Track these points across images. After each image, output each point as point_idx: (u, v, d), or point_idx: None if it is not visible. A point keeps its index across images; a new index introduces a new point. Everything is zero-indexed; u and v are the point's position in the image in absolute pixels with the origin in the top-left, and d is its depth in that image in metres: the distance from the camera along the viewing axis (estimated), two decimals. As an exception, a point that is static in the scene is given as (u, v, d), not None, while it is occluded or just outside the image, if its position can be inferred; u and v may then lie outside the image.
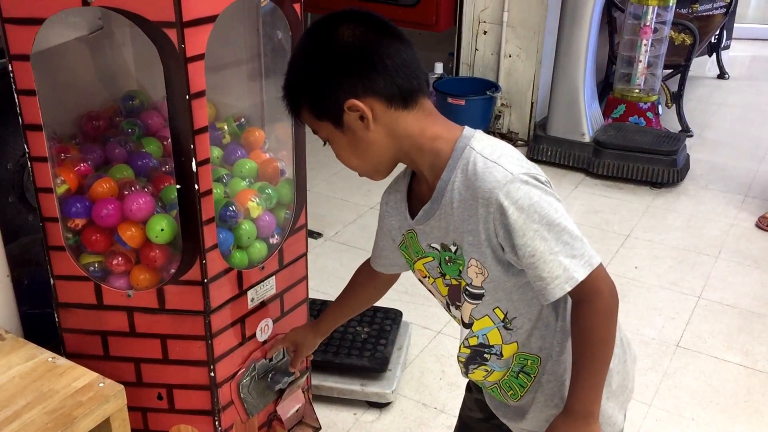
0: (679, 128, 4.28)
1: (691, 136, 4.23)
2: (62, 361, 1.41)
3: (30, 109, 1.33)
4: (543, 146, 3.84)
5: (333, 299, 1.51)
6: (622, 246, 3.12)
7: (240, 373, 1.58)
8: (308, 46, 1.11)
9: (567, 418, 1.15)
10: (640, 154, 3.62)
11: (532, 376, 1.23)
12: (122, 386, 1.36)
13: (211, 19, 1.29)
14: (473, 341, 1.24)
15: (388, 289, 1.48)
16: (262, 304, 1.60)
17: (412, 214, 1.20)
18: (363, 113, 1.08)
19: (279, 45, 1.66)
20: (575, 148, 3.76)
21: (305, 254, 1.72)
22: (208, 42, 1.30)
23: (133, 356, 1.52)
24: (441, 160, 1.12)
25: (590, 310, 1.10)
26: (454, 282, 1.20)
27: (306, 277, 1.74)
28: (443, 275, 1.21)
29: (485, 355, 1.24)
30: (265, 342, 1.64)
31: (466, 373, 1.31)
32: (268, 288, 1.61)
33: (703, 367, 2.40)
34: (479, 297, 1.18)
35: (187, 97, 1.30)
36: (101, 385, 1.36)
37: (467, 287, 1.18)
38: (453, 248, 1.16)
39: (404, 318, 2.40)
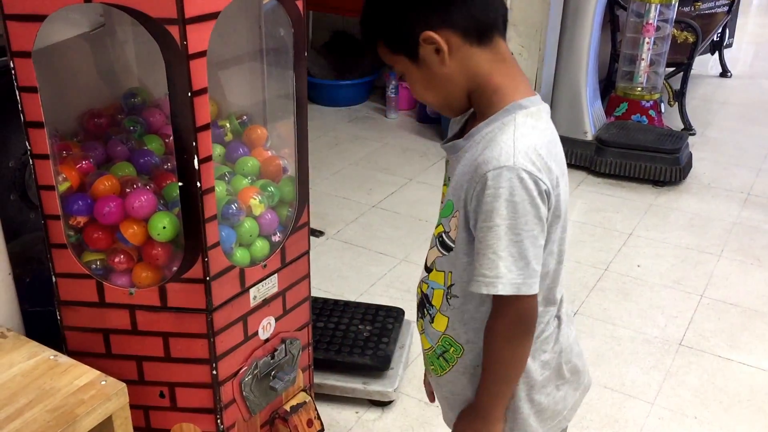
0: (682, 126, 4.27)
1: (694, 134, 4.22)
2: (64, 359, 1.41)
3: (32, 106, 1.32)
4: (545, 144, 3.83)
5: (335, 298, 1.51)
6: (625, 245, 3.12)
7: (242, 371, 1.58)
8: None
9: (469, 414, 1.22)
10: (642, 152, 3.61)
11: (450, 363, 1.24)
12: (124, 384, 1.36)
13: (213, 16, 1.29)
14: (425, 287, 1.25)
15: None
16: (265, 302, 1.60)
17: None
18: (439, 46, 1.07)
19: (281, 42, 1.65)
20: (577, 146, 3.75)
21: (307, 252, 1.71)
22: (210, 39, 1.30)
23: (135, 354, 1.52)
24: (489, 111, 1.11)
25: (492, 327, 1.14)
26: (438, 222, 1.21)
27: (308, 275, 1.74)
28: (442, 208, 1.21)
29: (425, 310, 1.26)
30: (267, 340, 1.63)
31: (417, 317, 1.32)
32: (271, 286, 1.60)
33: (706, 366, 2.40)
34: (448, 249, 1.17)
35: (189, 94, 1.29)
36: (103, 383, 1.35)
37: (443, 234, 1.18)
38: (447, 192, 1.17)
39: (406, 316, 2.40)
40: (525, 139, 1.07)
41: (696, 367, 2.39)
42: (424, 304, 1.27)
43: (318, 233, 3.07)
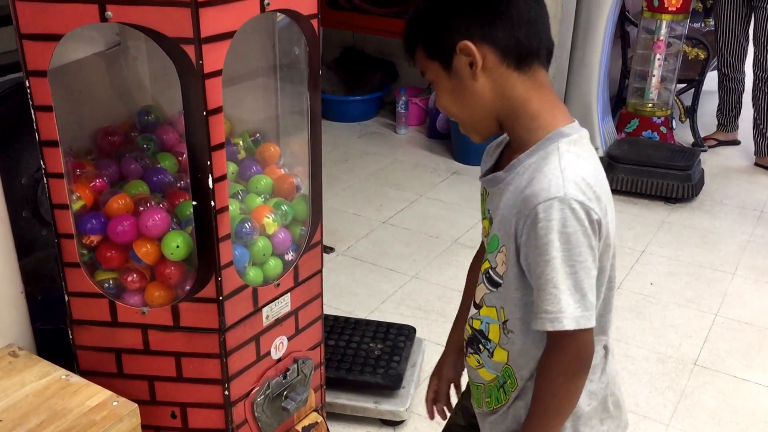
0: (693, 142, 4.25)
1: (705, 150, 4.20)
2: (76, 378, 1.40)
3: (46, 125, 1.32)
4: (556, 161, 3.82)
5: (346, 315, 1.50)
6: (637, 262, 3.09)
7: (254, 391, 1.56)
8: None
9: None
10: (654, 168, 3.60)
11: (507, 395, 1.21)
12: (136, 405, 1.35)
13: (229, 35, 1.29)
14: (477, 324, 1.22)
15: None
16: (277, 322, 1.59)
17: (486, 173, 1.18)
18: (474, 59, 1.05)
19: (295, 60, 1.65)
20: (588, 162, 3.74)
21: (320, 271, 1.70)
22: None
23: (147, 374, 1.51)
24: (529, 141, 1.08)
25: (550, 363, 1.11)
26: (486, 257, 1.18)
27: (321, 294, 1.72)
28: (489, 242, 1.18)
29: (480, 345, 1.22)
30: (279, 360, 1.62)
31: (465, 355, 1.29)
32: (283, 305, 1.59)
33: (722, 386, 2.37)
34: (496, 285, 1.15)
35: (205, 113, 1.29)
36: (115, 403, 1.34)
37: (489, 270, 1.15)
38: (490, 227, 1.15)
39: (418, 334, 2.38)
40: (572, 168, 1.04)
41: (711, 387, 2.36)
42: (478, 339, 1.23)
43: (328, 249, 3.06)
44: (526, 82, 1.08)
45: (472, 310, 1.24)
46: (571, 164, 1.04)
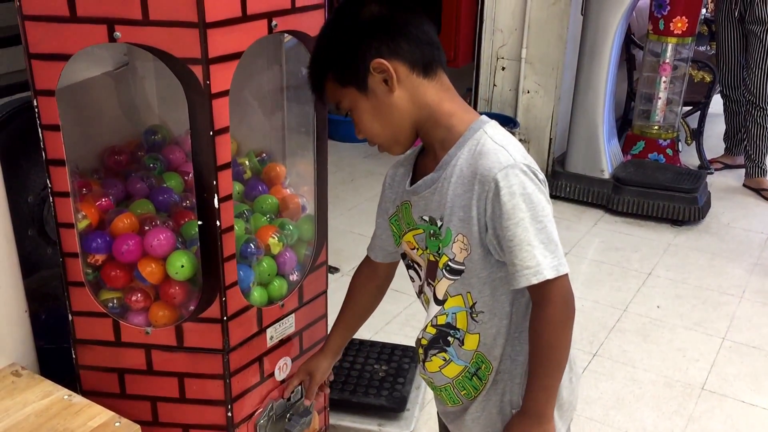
0: (699, 165, 4.25)
1: (712, 173, 4.20)
2: (78, 398, 1.39)
3: (54, 144, 1.32)
4: (562, 182, 3.82)
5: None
6: (644, 284, 3.07)
7: (258, 413, 1.55)
8: (337, 18, 1.20)
9: (522, 417, 1.21)
10: (660, 191, 3.59)
11: (483, 381, 1.27)
12: (138, 426, 1.33)
13: (236, 56, 1.29)
14: (442, 320, 1.26)
15: (388, 287, 1.50)
16: (281, 342, 1.58)
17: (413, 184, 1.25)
18: (388, 74, 1.14)
19: (302, 81, 1.65)
20: (594, 184, 3.74)
21: (325, 291, 1.69)
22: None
23: (149, 395, 1.49)
24: (452, 136, 1.17)
25: (542, 315, 1.15)
26: (431, 258, 1.24)
27: (326, 315, 1.72)
28: (426, 248, 1.25)
29: (449, 338, 1.27)
30: (283, 381, 1.61)
31: (423, 361, 1.32)
32: (288, 326, 1.58)
33: (730, 411, 2.34)
34: (459, 273, 1.21)
35: (211, 133, 1.29)
36: (117, 424, 1.33)
37: (449, 263, 1.21)
38: (439, 223, 1.20)
39: (423, 356, 2.36)
40: (508, 141, 1.15)
41: (719, 411, 2.34)
42: (446, 333, 1.27)
43: (333, 270, 3.05)
44: (435, 86, 1.18)
45: (434, 309, 1.27)
46: (506, 139, 1.16)
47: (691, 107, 4.30)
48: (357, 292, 1.49)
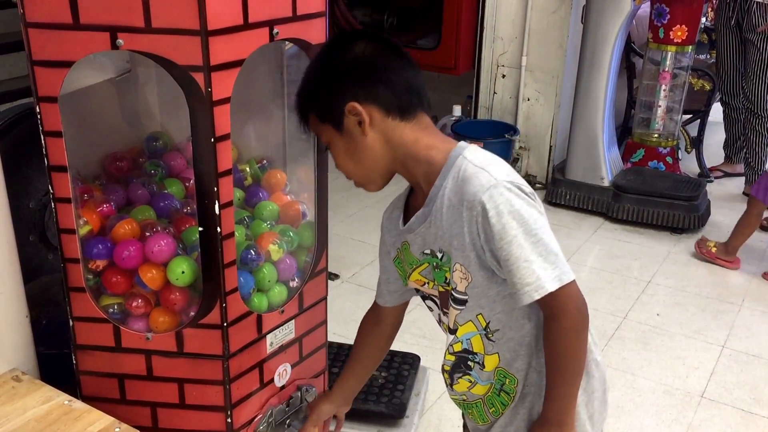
0: (699, 173, 4.26)
1: (712, 181, 4.20)
2: (78, 404, 1.39)
3: (56, 150, 1.33)
4: (561, 190, 3.83)
5: (350, 342, 1.50)
6: (643, 292, 3.08)
7: (257, 419, 1.55)
8: (323, 55, 1.22)
9: (542, 426, 1.21)
10: (660, 199, 3.60)
11: (511, 395, 1.26)
12: (138, 431, 1.34)
13: (238, 63, 1.30)
14: (457, 347, 1.27)
15: (396, 334, 1.48)
16: (281, 349, 1.58)
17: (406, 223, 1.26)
18: (361, 118, 1.16)
19: (303, 88, 1.66)
20: (594, 192, 3.74)
21: (325, 298, 1.70)
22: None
23: (149, 400, 1.50)
24: (435, 168, 1.18)
25: (557, 327, 1.15)
26: (441, 289, 1.25)
27: (325, 321, 1.72)
28: (434, 280, 1.26)
29: (469, 363, 1.27)
30: (283, 387, 1.61)
31: (451, 385, 1.33)
32: (287, 332, 1.58)
33: (729, 420, 2.34)
34: (463, 303, 1.21)
35: (212, 140, 1.30)
36: (117, 430, 1.33)
37: (452, 292, 1.22)
38: (439, 255, 1.21)
39: (422, 363, 2.36)
40: (489, 162, 1.16)
41: (719, 420, 2.34)
42: (465, 359, 1.27)
43: (333, 276, 3.06)
44: (413, 127, 1.19)
45: (449, 339, 1.28)
46: (486, 160, 1.16)
47: (691, 115, 4.31)
48: (366, 340, 1.48)
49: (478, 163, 1.15)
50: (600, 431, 1.34)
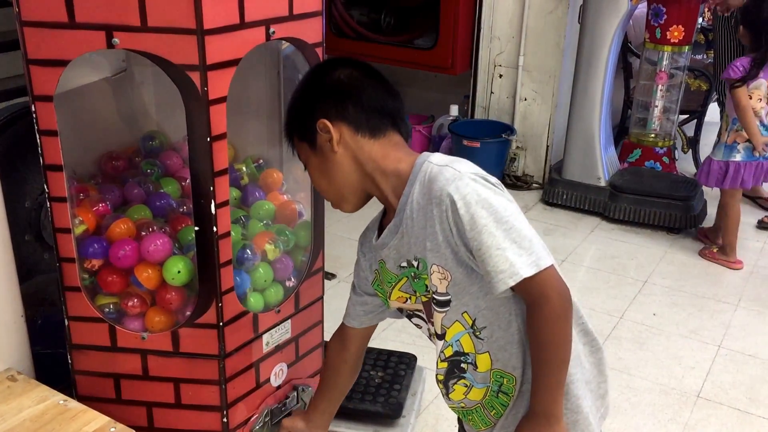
0: (695, 173, 4.26)
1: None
2: (74, 404, 1.39)
3: (51, 149, 1.33)
4: (558, 190, 3.83)
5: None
6: (640, 292, 3.08)
7: (253, 419, 1.55)
8: (307, 78, 1.26)
9: (530, 420, 1.19)
10: (656, 198, 3.60)
11: (510, 395, 1.24)
12: (133, 431, 1.33)
13: (234, 63, 1.30)
14: (448, 351, 1.26)
15: (362, 357, 1.46)
16: (277, 348, 1.58)
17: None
18: (330, 135, 1.19)
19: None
20: (591, 192, 3.75)
21: (321, 298, 1.70)
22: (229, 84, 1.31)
23: (145, 400, 1.50)
24: (402, 180, 1.20)
25: (540, 314, 1.13)
26: (424, 299, 1.24)
27: (322, 321, 1.72)
28: (415, 292, 1.25)
29: (462, 365, 1.26)
30: (279, 387, 1.61)
31: (447, 394, 1.32)
32: (284, 332, 1.58)
33: (725, 419, 2.34)
34: (446, 304, 1.21)
35: (208, 139, 1.30)
36: (113, 429, 1.33)
37: (434, 296, 1.21)
38: (415, 263, 1.21)
39: (419, 363, 2.36)
40: (452, 160, 1.17)
41: (715, 420, 2.34)
42: (458, 361, 1.26)
43: (330, 276, 3.05)
44: (383, 143, 1.22)
45: (439, 345, 1.27)
46: (450, 159, 1.18)
47: (687, 115, 4.31)
48: (335, 370, 1.44)
49: (441, 162, 1.17)
50: (604, 414, 1.33)
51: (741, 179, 3.16)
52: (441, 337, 1.26)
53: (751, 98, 3.04)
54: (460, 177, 1.12)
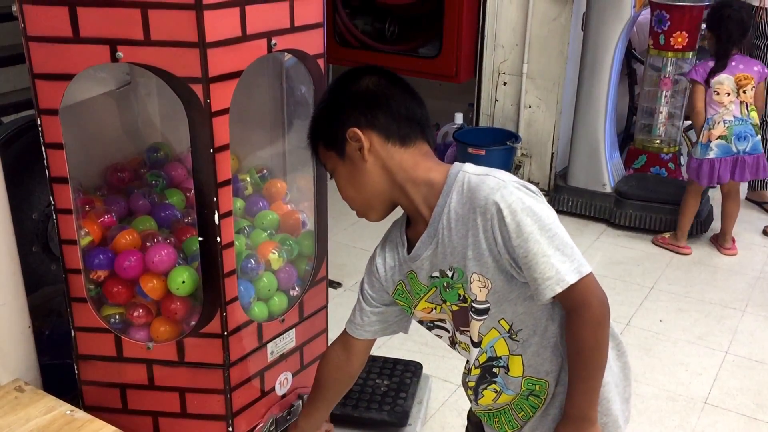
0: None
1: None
2: (80, 414, 1.40)
3: (57, 162, 1.34)
4: (564, 196, 3.83)
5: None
6: (646, 298, 3.07)
7: (258, 428, 1.56)
8: (332, 87, 1.25)
9: (566, 423, 1.20)
10: (662, 205, 3.59)
11: (541, 398, 1.25)
12: (139, 441, 1.35)
13: (236, 75, 1.31)
14: (483, 358, 1.26)
15: (359, 372, 1.44)
16: (282, 357, 1.59)
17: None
18: (361, 142, 1.18)
19: (302, 98, 1.68)
20: (596, 198, 3.74)
21: (325, 306, 1.70)
22: (232, 95, 1.32)
23: (151, 410, 1.51)
24: (435, 190, 1.19)
25: (580, 320, 1.15)
26: (455, 308, 1.24)
27: (326, 330, 1.73)
28: (444, 302, 1.25)
29: (494, 370, 1.26)
30: (284, 396, 1.62)
31: (476, 399, 1.32)
32: (288, 341, 1.59)
33: (733, 426, 2.33)
34: (485, 312, 1.21)
35: (212, 150, 1.31)
36: (119, 439, 1.34)
37: (472, 304, 1.21)
38: (450, 273, 1.21)
39: (424, 371, 2.36)
40: (490, 170, 1.18)
41: (722, 426, 2.33)
42: (490, 366, 1.27)
43: (335, 285, 3.06)
44: (412, 152, 1.21)
45: (474, 352, 1.27)
46: (487, 169, 1.19)
47: (692, 121, 4.30)
48: (333, 381, 1.42)
49: (480, 172, 1.17)
50: (628, 418, 1.34)
51: (717, 175, 3.31)
52: (477, 344, 1.26)
53: (719, 93, 3.20)
54: (504, 185, 1.13)
